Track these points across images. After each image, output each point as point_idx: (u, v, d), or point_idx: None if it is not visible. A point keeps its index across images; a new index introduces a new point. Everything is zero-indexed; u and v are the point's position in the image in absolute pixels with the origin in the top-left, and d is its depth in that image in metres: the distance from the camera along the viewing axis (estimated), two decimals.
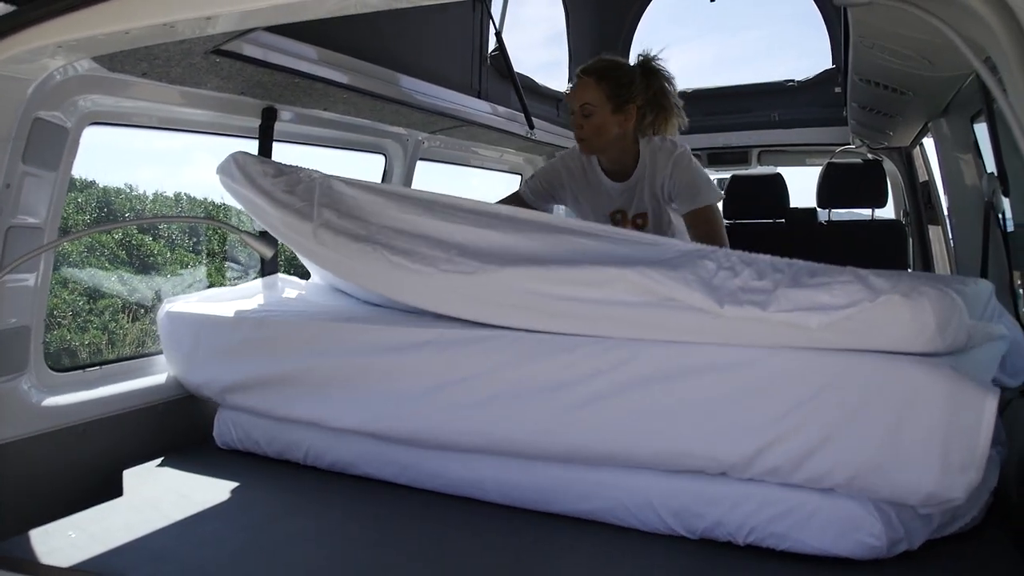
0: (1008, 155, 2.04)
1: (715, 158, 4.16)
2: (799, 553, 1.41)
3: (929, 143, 3.38)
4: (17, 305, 1.76)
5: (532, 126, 3.36)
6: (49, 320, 1.94)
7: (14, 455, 1.74)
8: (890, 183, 3.65)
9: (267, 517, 1.69)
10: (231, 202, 2.18)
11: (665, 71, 2.44)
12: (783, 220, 3.69)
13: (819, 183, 3.61)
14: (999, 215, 2.19)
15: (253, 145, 2.36)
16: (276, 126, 2.38)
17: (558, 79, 3.98)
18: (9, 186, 1.64)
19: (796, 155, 4.19)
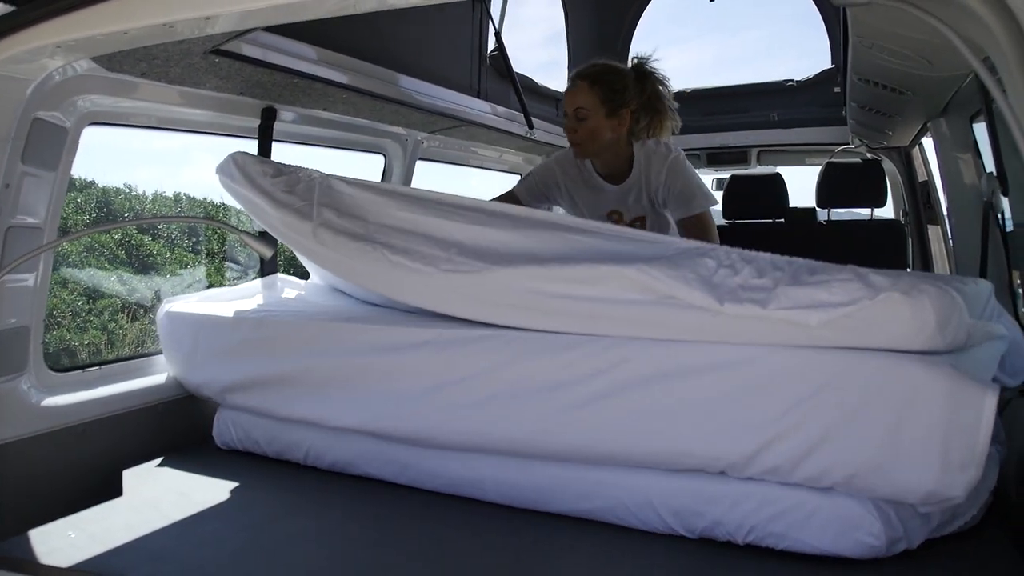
0: (1007, 155, 2.04)
1: (714, 158, 4.16)
2: (798, 552, 1.41)
3: (928, 143, 3.38)
4: (16, 305, 1.76)
5: (531, 126, 3.36)
6: (48, 320, 1.94)
7: (14, 455, 1.74)
8: (889, 183, 3.65)
9: (267, 517, 1.69)
10: (230, 202, 2.18)
11: (659, 74, 2.43)
12: (782, 220, 3.69)
13: (818, 183, 3.61)
14: (998, 215, 2.19)
15: (252, 145, 2.36)
16: (275, 126, 2.38)
17: (557, 79, 3.97)
18: (8, 186, 1.64)
19: (795, 155, 4.19)
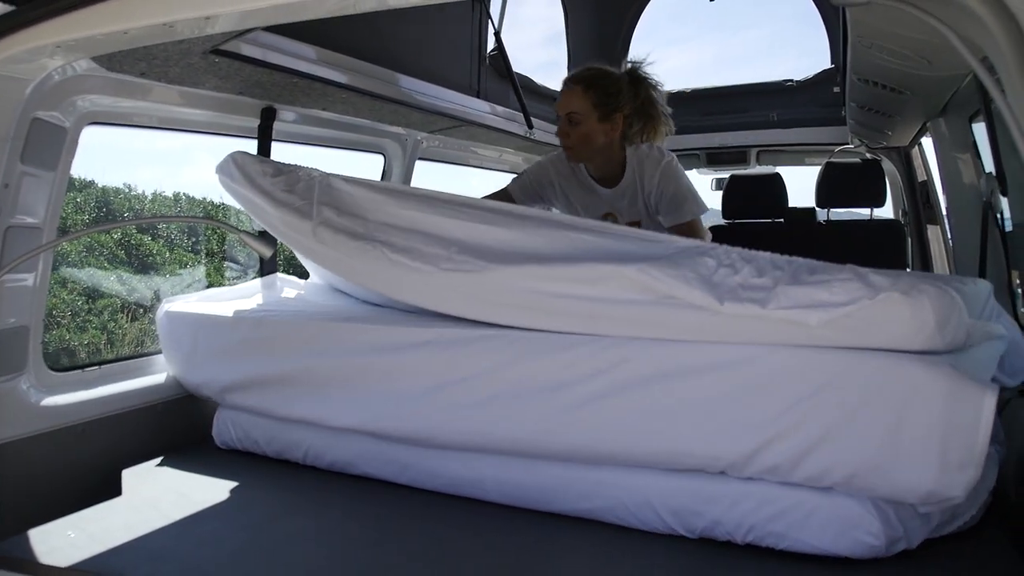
0: (1006, 155, 2.04)
1: (714, 158, 4.16)
2: (798, 552, 1.41)
3: (928, 143, 3.38)
4: (16, 305, 1.75)
5: (531, 126, 3.36)
6: (48, 320, 1.94)
7: (13, 455, 1.74)
8: (889, 183, 3.65)
9: (266, 517, 1.69)
10: (230, 202, 2.18)
11: (652, 79, 2.43)
12: (782, 220, 3.69)
13: (818, 183, 3.61)
14: (997, 215, 2.19)
15: (252, 145, 2.36)
16: (275, 126, 2.38)
17: (557, 79, 3.94)
18: (8, 186, 1.64)
19: (795, 155, 4.19)
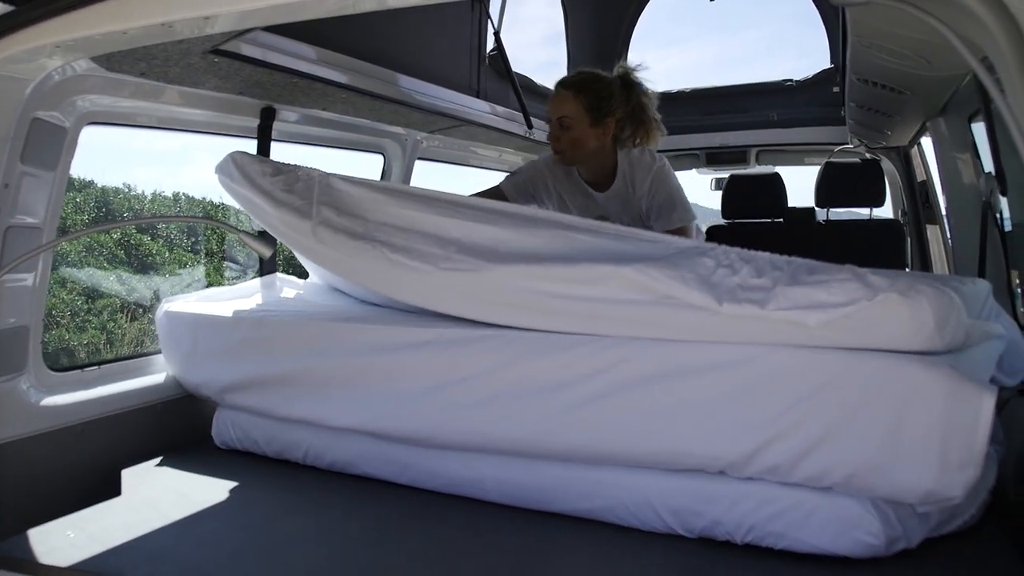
0: (1006, 155, 2.04)
1: (713, 157, 4.16)
2: (797, 552, 1.41)
3: (927, 143, 3.38)
4: (15, 305, 1.75)
5: (531, 126, 3.36)
6: (48, 320, 1.93)
7: (13, 455, 1.74)
8: (888, 183, 3.65)
9: (266, 517, 1.69)
10: (230, 202, 2.18)
11: (644, 85, 2.43)
12: (781, 220, 3.69)
13: (817, 182, 3.61)
14: (997, 215, 2.19)
15: (252, 145, 2.36)
16: (275, 126, 2.38)
17: (556, 79, 3.96)
18: (7, 186, 1.64)
19: (794, 154, 4.19)
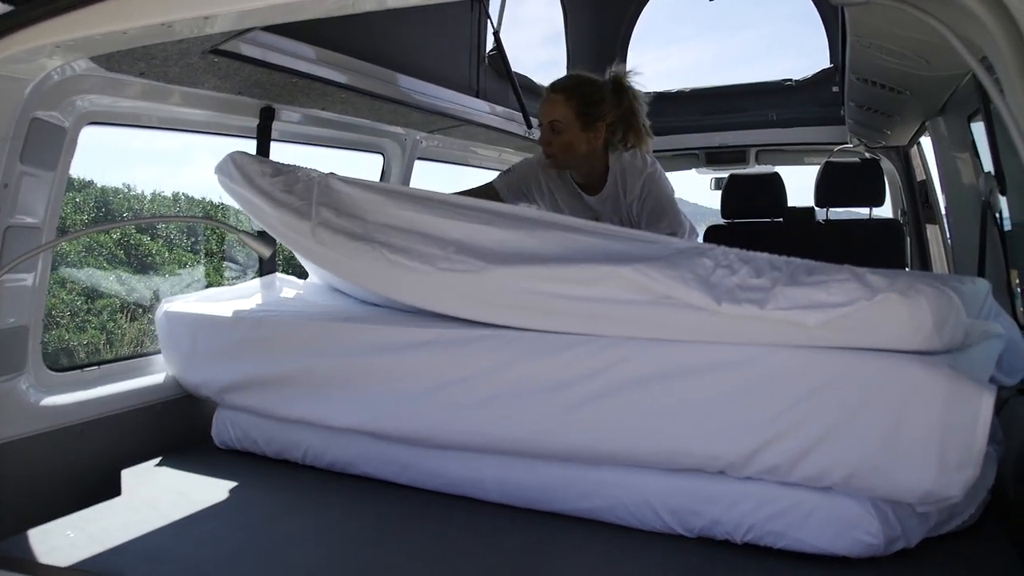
0: (1005, 154, 2.04)
1: (713, 157, 4.16)
2: (796, 551, 1.41)
3: (927, 142, 3.38)
4: (15, 305, 1.75)
5: (530, 126, 3.35)
6: (47, 320, 1.93)
7: (12, 455, 1.74)
8: (888, 182, 3.65)
9: (266, 517, 1.69)
10: (229, 202, 2.18)
11: (635, 89, 2.42)
12: (781, 219, 3.69)
13: (817, 182, 3.61)
14: (996, 214, 2.19)
15: (251, 145, 2.36)
16: (274, 126, 2.38)
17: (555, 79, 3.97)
18: (7, 186, 1.64)
19: (794, 154, 4.19)
